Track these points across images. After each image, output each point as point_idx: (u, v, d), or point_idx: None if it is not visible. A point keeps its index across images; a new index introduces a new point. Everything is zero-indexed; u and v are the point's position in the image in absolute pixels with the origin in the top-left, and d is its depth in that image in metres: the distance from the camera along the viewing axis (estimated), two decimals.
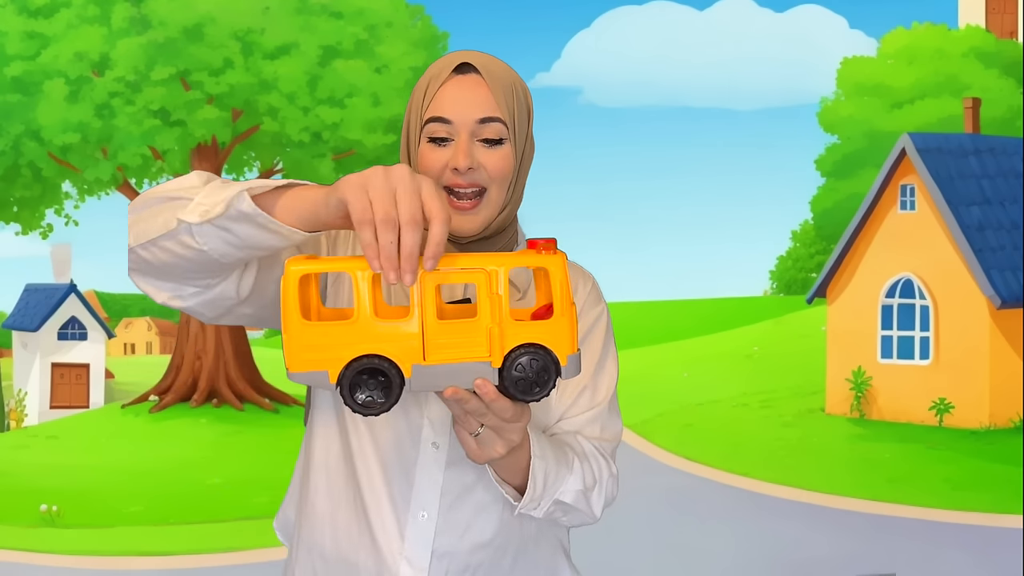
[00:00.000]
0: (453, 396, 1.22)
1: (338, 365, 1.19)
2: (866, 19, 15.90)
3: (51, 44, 11.66)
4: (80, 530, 7.82)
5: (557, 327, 1.20)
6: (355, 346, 1.18)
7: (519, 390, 1.21)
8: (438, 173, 1.49)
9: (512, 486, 1.45)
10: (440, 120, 1.48)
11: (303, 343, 1.19)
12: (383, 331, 1.19)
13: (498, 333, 1.19)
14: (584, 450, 1.53)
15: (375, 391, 1.19)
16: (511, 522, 1.53)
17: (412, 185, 1.18)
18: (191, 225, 1.25)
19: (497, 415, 1.25)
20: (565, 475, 1.46)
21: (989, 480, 8.51)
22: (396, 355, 1.19)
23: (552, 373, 1.21)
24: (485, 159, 1.49)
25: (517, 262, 1.20)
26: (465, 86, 1.49)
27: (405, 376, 1.19)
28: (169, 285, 1.38)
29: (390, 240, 1.15)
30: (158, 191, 1.33)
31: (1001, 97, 13.70)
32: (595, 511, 1.52)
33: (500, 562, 1.54)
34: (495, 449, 1.31)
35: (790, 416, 11.28)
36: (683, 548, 6.75)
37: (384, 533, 1.50)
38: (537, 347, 1.20)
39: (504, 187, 1.51)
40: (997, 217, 10.42)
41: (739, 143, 16.22)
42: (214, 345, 12.33)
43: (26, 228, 12.71)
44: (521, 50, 14.79)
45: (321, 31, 12.11)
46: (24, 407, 12.99)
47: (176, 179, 1.35)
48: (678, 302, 18.88)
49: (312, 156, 12.52)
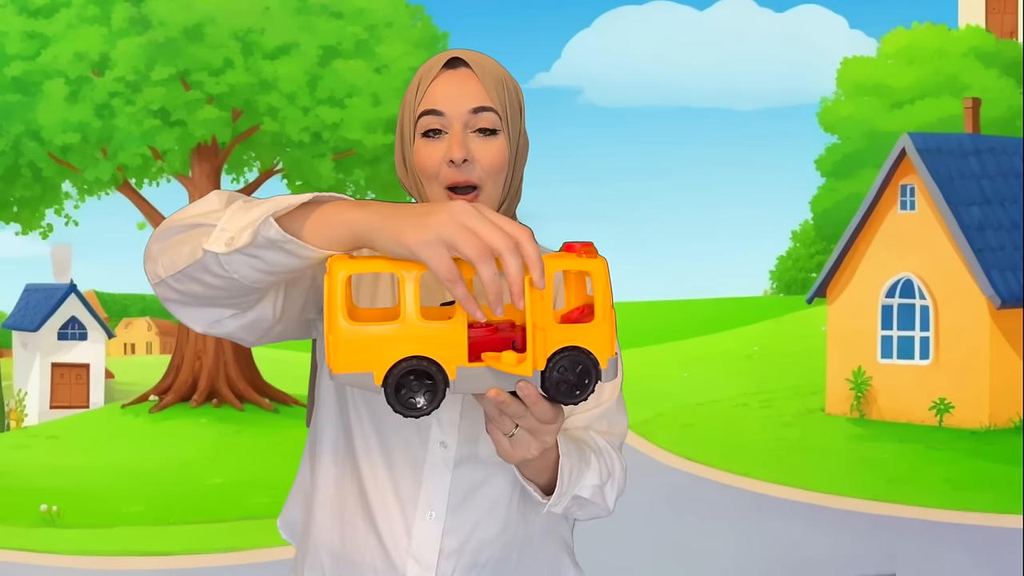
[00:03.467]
0: (496, 398, 1.21)
1: (383, 366, 1.18)
2: (866, 19, 15.92)
3: (51, 44, 11.67)
4: (80, 530, 7.82)
5: (598, 331, 1.20)
6: (401, 347, 1.18)
7: (560, 393, 1.21)
8: (434, 170, 1.49)
9: (536, 483, 1.46)
10: (433, 112, 1.48)
11: (348, 344, 1.18)
12: (428, 333, 1.18)
13: (543, 336, 1.19)
14: (599, 445, 1.55)
15: (420, 393, 1.19)
16: (517, 520, 1.54)
17: (481, 215, 1.15)
18: (218, 255, 1.21)
19: (536, 417, 1.25)
20: (584, 471, 1.48)
21: (989, 480, 8.51)
22: (441, 357, 1.18)
23: (592, 376, 1.21)
24: (479, 151, 1.48)
25: (560, 265, 1.20)
26: (456, 79, 1.50)
27: (449, 378, 1.19)
28: (206, 313, 1.34)
29: (493, 273, 1.13)
30: (180, 218, 1.29)
31: (1001, 97, 13.70)
32: (609, 504, 1.54)
33: (506, 560, 1.54)
34: (529, 450, 1.30)
35: (790, 416, 11.28)
36: (683, 548, 6.75)
37: (391, 532, 1.50)
38: (579, 350, 1.20)
39: (499, 181, 1.51)
40: (997, 217, 10.42)
41: (739, 143, 16.22)
42: (214, 345, 12.33)
43: (26, 228, 12.71)
44: (521, 50, 14.79)
45: (321, 31, 12.11)
46: (24, 407, 12.99)
47: (197, 203, 1.30)
48: (678, 302, 18.88)
49: (312, 156, 12.52)
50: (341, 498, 1.54)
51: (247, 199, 1.27)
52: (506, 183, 1.52)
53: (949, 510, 7.71)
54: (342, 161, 12.67)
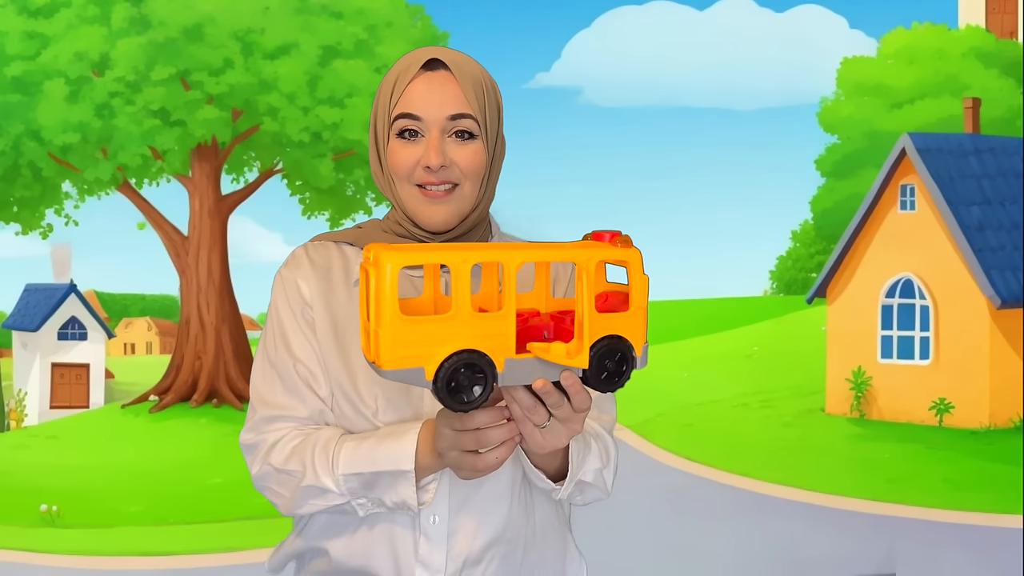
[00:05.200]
0: (543, 389, 1.22)
1: (435, 361, 1.16)
2: (866, 19, 15.85)
3: (51, 44, 11.66)
4: (80, 530, 7.81)
5: (634, 320, 1.21)
6: (451, 341, 1.16)
7: (601, 381, 1.21)
8: (409, 170, 1.49)
9: (543, 471, 1.47)
10: (410, 116, 1.47)
11: (400, 339, 1.15)
12: (478, 325, 1.17)
13: (586, 326, 1.19)
14: (596, 430, 1.56)
15: (470, 386, 1.18)
16: (519, 514, 1.55)
17: (465, 431, 1.33)
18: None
19: (575, 406, 1.25)
20: (587, 455, 1.49)
21: (989, 480, 8.50)
22: (490, 349, 1.17)
23: (629, 364, 1.22)
24: (457, 155, 1.48)
25: (603, 255, 1.20)
26: (435, 82, 1.48)
27: (498, 370, 1.18)
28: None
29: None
30: (289, 478, 1.52)
31: (1001, 97, 13.69)
32: (609, 487, 1.55)
33: (513, 554, 1.55)
34: (560, 440, 1.30)
35: (790, 416, 11.27)
36: (683, 548, 6.75)
37: (397, 541, 1.50)
38: (618, 339, 1.21)
39: (477, 183, 1.51)
40: (997, 217, 10.42)
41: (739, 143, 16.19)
42: (214, 345, 12.32)
43: (26, 228, 12.70)
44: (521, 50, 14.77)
45: (321, 31, 12.11)
46: (24, 407, 12.98)
47: (300, 458, 1.51)
48: (678, 302, 18.86)
49: (312, 156, 12.51)
50: (342, 514, 1.54)
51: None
52: (483, 184, 1.52)
53: (949, 510, 7.71)
54: (342, 161, 12.67)
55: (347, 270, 1.56)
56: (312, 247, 1.59)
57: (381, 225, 1.58)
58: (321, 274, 1.56)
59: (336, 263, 1.57)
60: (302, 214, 13.01)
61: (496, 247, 1.21)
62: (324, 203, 13.01)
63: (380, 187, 1.55)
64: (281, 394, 1.53)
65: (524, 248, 1.20)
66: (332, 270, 1.56)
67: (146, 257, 13.05)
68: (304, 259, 1.57)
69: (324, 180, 12.51)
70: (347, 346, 1.52)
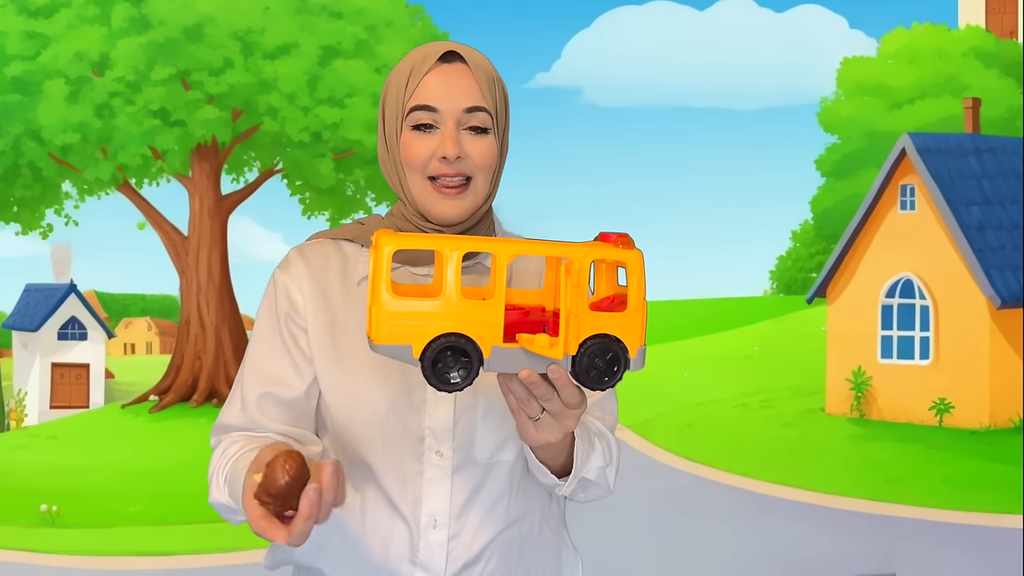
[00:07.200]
0: (528, 379, 1.23)
1: (423, 340, 1.21)
2: (866, 19, 15.86)
3: (51, 44, 11.67)
4: (80, 530, 7.81)
5: (630, 320, 1.23)
6: (441, 324, 1.21)
7: (589, 379, 1.23)
8: (424, 162, 1.49)
9: (548, 466, 1.47)
10: (426, 108, 1.48)
11: (391, 317, 1.22)
12: (467, 311, 1.21)
13: (576, 322, 1.21)
14: (599, 428, 1.57)
15: (456, 369, 1.22)
16: (517, 513, 1.55)
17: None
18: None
19: (564, 401, 1.27)
20: (591, 453, 1.50)
21: (989, 480, 8.50)
22: (478, 335, 1.22)
23: (621, 364, 1.23)
24: (471, 148, 1.48)
25: (597, 255, 1.23)
26: (452, 75, 1.48)
27: (484, 356, 1.22)
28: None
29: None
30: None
31: (1001, 97, 13.69)
32: (611, 485, 1.56)
33: (510, 553, 1.55)
34: (553, 434, 1.31)
35: (790, 416, 11.27)
36: (683, 548, 6.75)
37: (397, 544, 1.50)
38: (610, 338, 1.22)
39: (488, 176, 1.51)
40: (997, 217, 10.42)
41: (739, 143, 16.19)
42: (214, 345, 12.33)
43: (26, 228, 12.70)
44: (521, 50, 14.78)
45: (321, 31, 12.11)
46: (24, 407, 12.99)
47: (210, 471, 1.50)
48: (678, 302, 18.86)
49: (312, 156, 12.52)
50: (344, 512, 1.53)
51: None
52: (493, 178, 1.53)
53: (949, 510, 7.71)
54: (342, 161, 12.67)
55: (345, 269, 1.55)
56: (308, 247, 1.58)
57: (385, 220, 1.58)
58: (316, 275, 1.55)
59: (333, 262, 1.56)
60: (302, 214, 13.02)
61: (490, 239, 1.24)
62: (324, 203, 13.02)
63: (388, 179, 1.55)
64: (235, 408, 1.56)
65: (517, 241, 1.24)
66: (329, 270, 1.55)
67: (146, 257, 13.07)
68: (298, 261, 1.56)
69: (324, 180, 12.51)
70: (345, 348, 1.52)
